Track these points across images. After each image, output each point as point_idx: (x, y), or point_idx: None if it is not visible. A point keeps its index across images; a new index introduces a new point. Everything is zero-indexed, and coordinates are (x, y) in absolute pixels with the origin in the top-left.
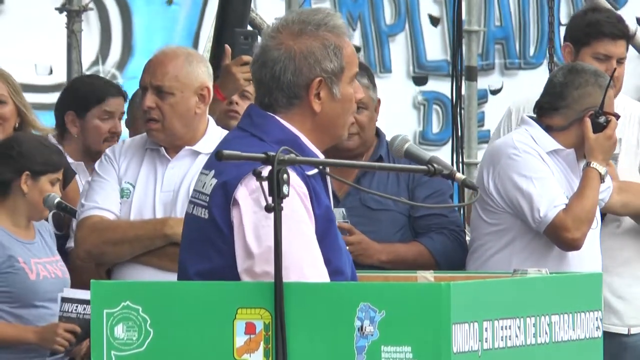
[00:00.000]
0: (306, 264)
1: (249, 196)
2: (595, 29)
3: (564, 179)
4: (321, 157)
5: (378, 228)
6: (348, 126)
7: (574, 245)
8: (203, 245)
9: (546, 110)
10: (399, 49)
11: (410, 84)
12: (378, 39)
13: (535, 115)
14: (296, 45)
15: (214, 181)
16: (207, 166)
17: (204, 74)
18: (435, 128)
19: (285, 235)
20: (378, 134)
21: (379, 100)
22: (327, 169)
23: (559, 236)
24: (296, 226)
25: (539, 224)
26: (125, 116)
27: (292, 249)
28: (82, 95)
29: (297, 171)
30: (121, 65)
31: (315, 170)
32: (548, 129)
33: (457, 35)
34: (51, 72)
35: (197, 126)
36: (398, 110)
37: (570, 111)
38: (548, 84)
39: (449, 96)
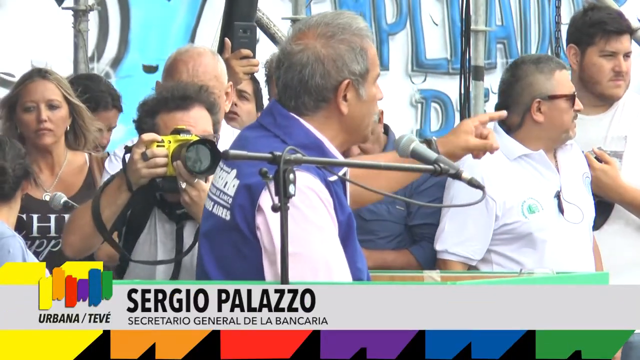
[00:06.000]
0: (333, 268)
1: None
2: (599, 27)
3: (533, 182)
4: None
5: (372, 238)
6: (371, 127)
7: None
8: (226, 248)
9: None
10: (398, 46)
11: (407, 82)
12: (378, 37)
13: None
14: (324, 49)
15: (237, 182)
16: (229, 163)
17: (225, 71)
18: (434, 126)
19: (312, 241)
20: (387, 132)
21: None
22: (347, 175)
23: None
24: (322, 233)
25: None
26: None
27: (316, 254)
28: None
29: (320, 177)
30: (116, 62)
31: (336, 177)
32: (509, 131)
33: (465, 35)
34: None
35: None
36: (395, 108)
37: (520, 106)
38: (499, 85)
39: (449, 95)
